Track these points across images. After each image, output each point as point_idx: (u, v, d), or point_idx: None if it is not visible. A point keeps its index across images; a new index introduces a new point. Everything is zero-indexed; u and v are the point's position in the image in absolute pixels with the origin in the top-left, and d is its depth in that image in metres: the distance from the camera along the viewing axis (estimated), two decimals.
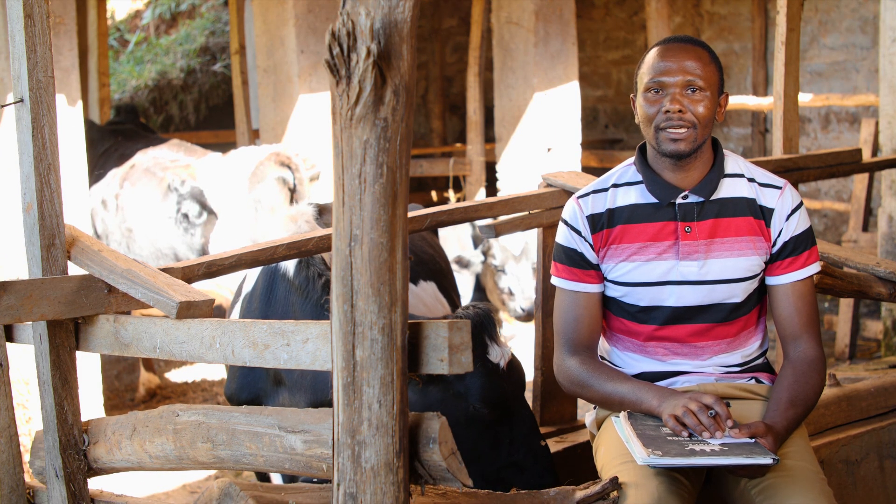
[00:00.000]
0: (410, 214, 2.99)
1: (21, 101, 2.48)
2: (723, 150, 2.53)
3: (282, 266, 3.11)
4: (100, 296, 2.48)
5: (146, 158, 6.11)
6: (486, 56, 8.81)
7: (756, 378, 2.57)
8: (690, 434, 2.26)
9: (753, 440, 2.24)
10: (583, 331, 2.53)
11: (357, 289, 1.87)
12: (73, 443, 2.53)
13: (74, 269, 2.55)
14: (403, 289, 1.89)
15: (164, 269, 2.59)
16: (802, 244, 2.50)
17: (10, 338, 2.56)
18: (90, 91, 8.59)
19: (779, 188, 2.51)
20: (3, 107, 3.20)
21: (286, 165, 5.59)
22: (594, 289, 2.54)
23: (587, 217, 2.52)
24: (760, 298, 2.56)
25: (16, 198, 4.20)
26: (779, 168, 3.55)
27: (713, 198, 2.48)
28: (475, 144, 8.47)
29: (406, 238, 1.91)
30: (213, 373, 6.99)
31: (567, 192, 3.24)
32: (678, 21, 9.51)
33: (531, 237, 6.35)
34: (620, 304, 2.54)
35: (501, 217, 3.33)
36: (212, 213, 5.72)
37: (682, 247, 2.47)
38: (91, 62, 8.61)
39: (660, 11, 7.38)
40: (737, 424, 2.27)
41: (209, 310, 2.38)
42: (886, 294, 3.06)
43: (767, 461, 2.16)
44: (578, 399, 3.46)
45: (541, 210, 3.31)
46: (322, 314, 2.95)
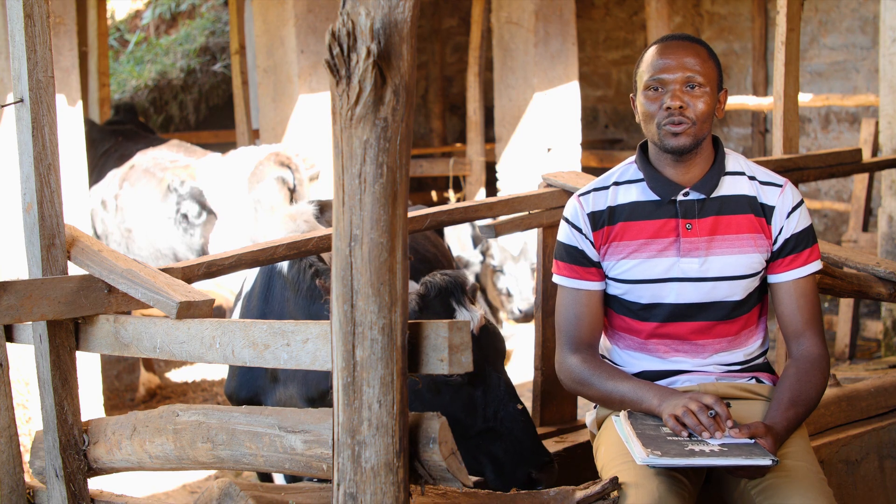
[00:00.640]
0: (410, 214, 3.00)
1: (21, 101, 2.48)
2: (723, 148, 2.54)
3: (278, 264, 3.14)
4: (100, 296, 2.48)
5: (146, 159, 6.11)
6: (486, 56, 8.81)
7: (756, 378, 2.57)
8: (690, 434, 2.26)
9: (753, 441, 2.24)
10: (584, 329, 2.53)
11: (357, 289, 1.87)
12: (73, 443, 2.53)
13: (74, 269, 2.55)
14: (403, 289, 1.89)
15: (164, 270, 2.59)
16: (804, 242, 2.50)
17: (10, 338, 2.56)
18: (90, 91, 8.60)
19: (779, 186, 2.52)
20: (3, 107, 3.20)
21: (286, 165, 5.59)
22: (595, 286, 2.54)
23: (588, 214, 2.53)
24: (761, 297, 2.57)
25: (16, 198, 4.20)
26: (779, 168, 3.55)
27: (714, 195, 2.49)
28: (475, 144, 8.47)
29: (406, 238, 1.91)
30: (213, 373, 6.99)
31: (567, 192, 3.24)
32: (678, 21, 9.51)
33: (530, 238, 6.35)
34: (622, 302, 2.54)
35: (501, 217, 3.33)
36: (211, 214, 5.71)
37: (683, 244, 2.47)
38: (91, 62, 8.61)
39: (660, 11, 7.38)
40: (736, 425, 2.27)
41: (209, 310, 2.38)
42: (886, 294, 3.06)
43: (767, 462, 2.16)
44: (578, 399, 3.46)
45: (541, 210, 3.31)
46: (311, 304, 2.98)
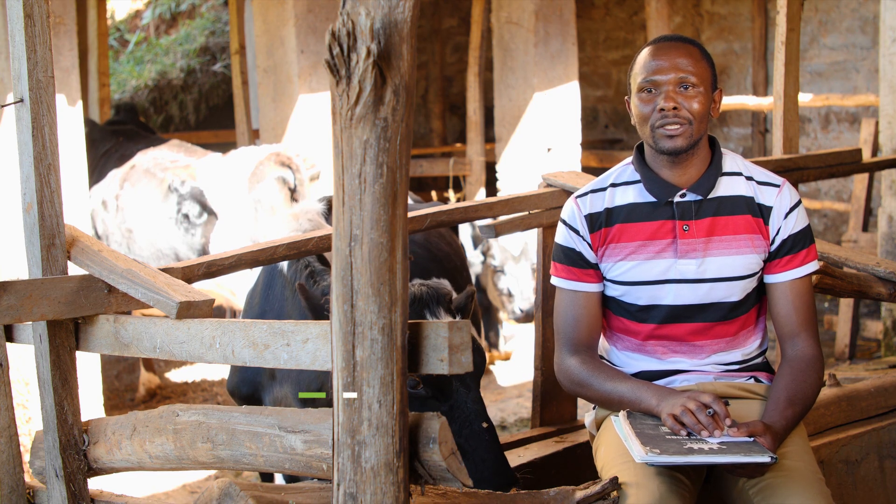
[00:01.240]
0: (410, 214, 3.00)
1: (21, 101, 2.48)
2: (720, 149, 2.54)
3: (280, 263, 3.16)
4: (100, 296, 2.48)
5: (146, 159, 6.11)
6: (486, 56, 8.81)
7: (755, 377, 2.57)
8: (689, 433, 2.26)
9: (752, 439, 2.25)
10: (583, 330, 2.53)
11: (357, 289, 1.87)
12: (73, 443, 2.53)
13: (74, 269, 2.55)
14: (403, 289, 1.89)
15: (164, 269, 2.59)
16: (801, 242, 2.50)
17: (10, 338, 2.56)
18: (90, 91, 8.60)
19: (777, 186, 2.52)
20: (3, 107, 3.20)
21: (286, 165, 5.59)
22: (593, 288, 2.54)
23: (585, 216, 2.53)
24: (759, 298, 2.56)
25: (16, 198, 4.20)
26: (779, 168, 3.55)
27: (711, 196, 2.49)
28: (475, 144, 8.48)
29: (406, 238, 1.91)
30: (213, 373, 6.99)
31: (567, 192, 3.24)
32: (678, 21, 9.51)
33: (530, 238, 6.35)
34: (619, 303, 2.54)
35: (501, 217, 3.33)
36: (212, 214, 5.72)
37: (681, 245, 2.47)
38: (91, 62, 8.61)
39: (660, 11, 7.38)
40: (735, 423, 2.27)
41: (209, 310, 2.38)
42: (886, 294, 3.06)
43: (766, 460, 2.17)
44: (578, 399, 3.46)
45: (541, 210, 3.31)
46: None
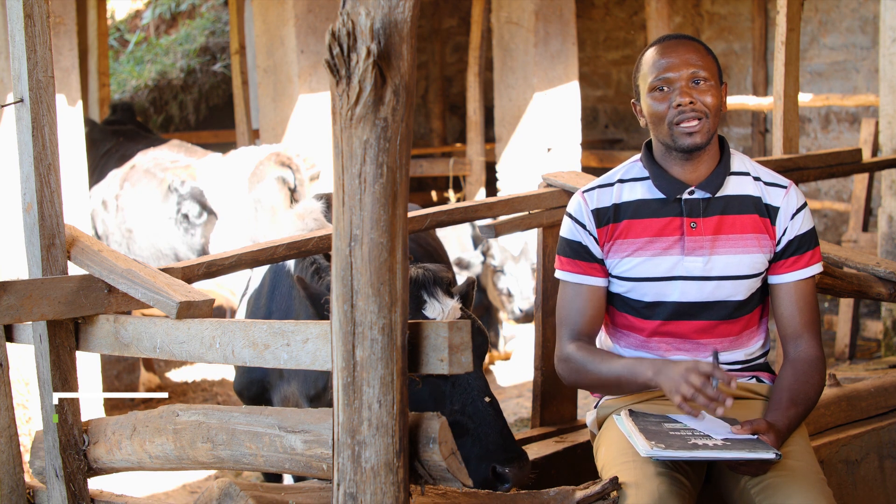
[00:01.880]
0: (410, 214, 3.00)
1: (21, 101, 2.48)
2: (729, 148, 2.54)
3: (286, 263, 3.16)
4: (100, 296, 2.48)
5: (146, 159, 6.11)
6: (486, 56, 8.81)
7: (757, 377, 2.57)
8: (692, 430, 2.27)
9: (755, 436, 2.26)
10: (584, 322, 2.53)
11: (357, 289, 1.87)
12: (73, 443, 2.53)
13: (74, 269, 2.55)
14: (403, 289, 1.89)
15: (164, 269, 2.59)
16: (806, 244, 2.51)
17: (10, 338, 2.56)
18: (90, 91, 8.60)
19: (784, 187, 2.52)
20: (3, 107, 3.20)
21: (287, 165, 5.59)
22: (598, 282, 2.54)
23: (592, 211, 2.53)
24: (763, 298, 2.57)
25: (16, 198, 4.20)
26: (779, 168, 3.55)
27: (719, 194, 2.49)
28: (475, 144, 8.48)
29: (406, 238, 1.91)
30: (213, 373, 6.99)
31: (567, 192, 3.24)
32: (678, 21, 9.51)
33: (530, 238, 6.35)
34: (625, 300, 2.55)
35: (501, 217, 3.33)
36: (212, 214, 5.72)
37: (688, 242, 2.47)
38: (91, 62, 8.62)
39: (660, 11, 7.39)
40: (738, 421, 2.29)
41: (209, 310, 2.38)
42: (886, 294, 3.06)
43: (770, 456, 2.18)
44: (578, 399, 3.46)
45: (541, 210, 3.31)
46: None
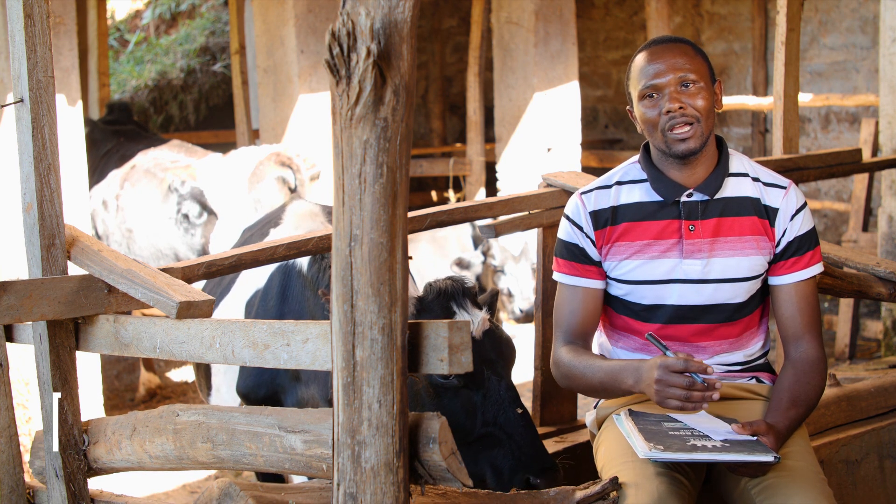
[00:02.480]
0: (410, 214, 3.00)
1: (21, 101, 2.48)
2: (728, 149, 2.53)
3: (297, 263, 3.12)
4: (100, 296, 2.48)
5: (147, 159, 6.12)
6: (486, 56, 8.81)
7: (757, 378, 2.57)
8: (692, 430, 2.27)
9: (755, 438, 2.25)
10: (578, 324, 2.52)
11: (357, 289, 1.87)
12: (73, 443, 2.53)
13: (74, 269, 2.55)
14: (403, 289, 1.89)
15: (164, 269, 2.59)
16: (806, 244, 2.50)
17: (10, 338, 2.56)
18: (90, 91, 8.60)
19: (783, 188, 2.51)
20: (3, 107, 3.20)
21: (287, 165, 5.59)
22: (594, 284, 2.53)
23: (590, 213, 2.52)
24: (763, 299, 2.56)
25: (16, 198, 4.20)
26: (779, 168, 3.55)
27: (717, 196, 2.48)
28: (475, 144, 8.48)
29: (406, 238, 1.91)
30: None
31: (567, 192, 3.24)
32: (678, 21, 9.51)
33: (530, 238, 6.35)
34: (623, 303, 2.54)
35: (501, 217, 3.33)
36: (212, 214, 5.72)
37: (686, 245, 2.46)
38: (91, 62, 8.61)
39: (660, 11, 7.39)
40: (738, 421, 2.28)
41: (209, 310, 2.38)
42: (886, 294, 3.06)
43: (769, 459, 2.17)
44: (578, 399, 3.46)
45: (541, 210, 3.31)
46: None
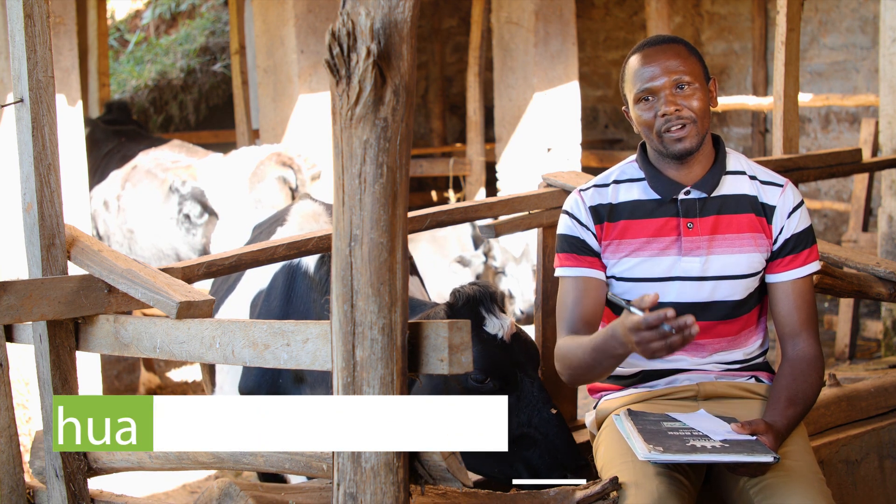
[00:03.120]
0: (410, 214, 3.00)
1: (21, 101, 2.48)
2: (724, 147, 2.54)
3: (302, 263, 3.11)
4: (100, 296, 2.48)
5: (147, 159, 6.12)
6: (486, 56, 8.81)
7: (756, 377, 2.57)
8: (691, 430, 2.27)
9: (754, 437, 2.25)
10: (581, 313, 2.50)
11: (357, 289, 1.88)
12: None
13: (74, 269, 2.55)
14: (403, 289, 1.89)
15: (165, 269, 2.59)
16: (803, 242, 2.50)
17: (10, 338, 2.56)
18: (90, 91, 8.60)
19: (780, 186, 2.52)
20: (3, 107, 3.20)
21: (288, 165, 5.60)
22: (596, 274, 2.52)
23: (590, 208, 2.53)
24: (761, 297, 2.57)
25: (16, 198, 4.20)
26: (779, 168, 3.55)
27: (715, 194, 2.49)
28: (475, 144, 8.47)
29: (406, 238, 1.91)
30: None
31: (567, 192, 3.24)
32: (678, 21, 9.51)
33: (532, 239, 6.35)
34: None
35: (501, 217, 3.33)
36: (213, 214, 5.72)
37: (685, 243, 2.47)
38: (91, 62, 8.61)
39: (660, 11, 7.38)
40: (737, 420, 2.29)
41: (209, 310, 2.38)
42: (886, 294, 3.06)
43: (768, 459, 2.17)
44: (578, 399, 3.46)
45: (541, 210, 3.31)
46: None
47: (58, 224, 2.52)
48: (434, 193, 9.77)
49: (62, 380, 2.51)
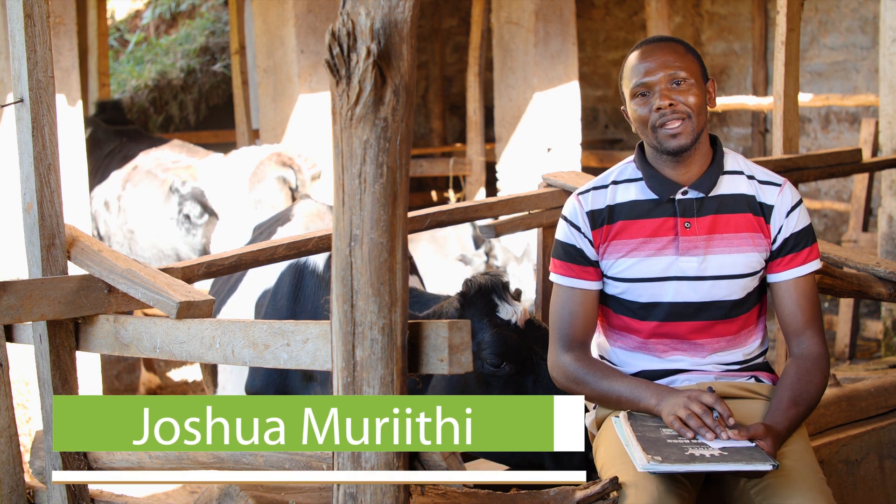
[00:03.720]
0: (410, 214, 3.00)
1: (21, 101, 2.48)
2: (722, 147, 2.54)
3: (310, 262, 3.12)
4: (100, 296, 2.48)
5: (148, 160, 6.12)
6: (486, 56, 8.81)
7: (756, 377, 2.57)
8: (690, 438, 2.26)
9: (753, 444, 2.23)
10: (578, 327, 2.53)
11: (357, 289, 1.88)
12: None
13: (74, 269, 2.55)
14: (403, 289, 1.90)
15: (165, 269, 2.59)
16: (803, 241, 2.50)
17: (10, 338, 2.56)
18: (90, 91, 8.59)
19: (778, 185, 2.52)
20: (3, 107, 3.20)
21: (288, 165, 5.60)
22: (592, 286, 2.54)
23: (587, 213, 2.53)
24: (760, 297, 2.57)
25: (16, 198, 4.20)
26: (779, 168, 3.55)
27: (713, 194, 2.49)
28: (475, 144, 8.47)
29: (406, 238, 1.91)
30: None
31: (567, 192, 3.24)
32: (678, 21, 9.51)
33: (533, 239, 6.35)
34: (620, 301, 2.54)
35: (501, 217, 3.34)
36: (213, 214, 5.72)
37: (682, 242, 2.47)
38: (91, 62, 8.61)
39: (660, 11, 7.39)
40: (737, 425, 2.27)
41: (209, 310, 2.38)
42: (886, 294, 3.06)
43: (766, 467, 2.14)
44: None
45: (541, 210, 3.31)
46: None
47: (58, 224, 2.52)
48: (434, 193, 9.77)
49: (62, 380, 2.51)
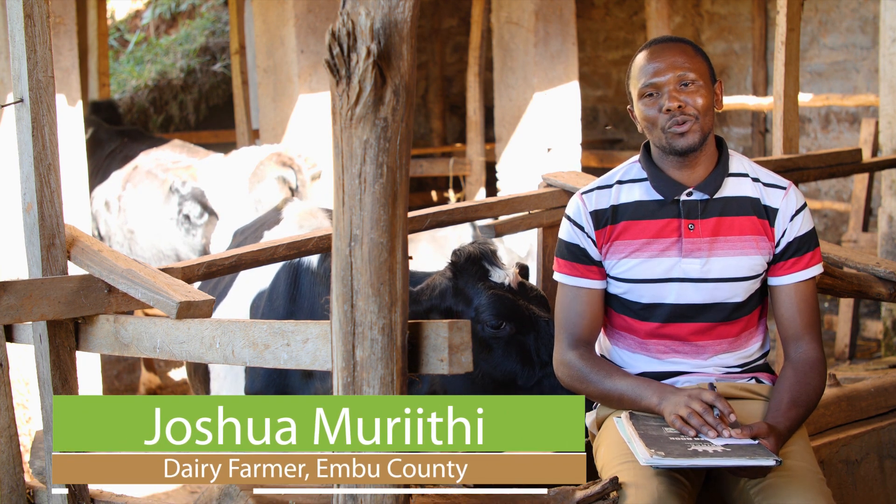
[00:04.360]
0: (410, 214, 3.00)
1: (21, 101, 2.48)
2: (728, 149, 2.54)
3: (304, 261, 3.12)
4: (100, 296, 2.49)
5: (148, 160, 6.12)
6: (486, 56, 8.81)
7: (756, 378, 2.57)
8: (696, 433, 2.27)
9: (756, 441, 2.24)
10: (583, 326, 2.53)
11: (357, 289, 1.88)
12: None
13: (74, 269, 2.55)
14: (403, 289, 1.90)
15: (164, 269, 2.59)
16: (806, 245, 2.50)
17: (10, 338, 2.56)
18: (90, 91, 8.59)
19: (783, 188, 2.52)
20: (3, 107, 3.20)
21: (288, 165, 5.60)
22: (596, 285, 2.54)
23: (591, 213, 2.53)
24: (762, 299, 2.56)
25: (16, 198, 4.20)
26: (779, 168, 3.55)
27: (717, 196, 2.49)
28: (475, 144, 8.47)
29: (406, 238, 1.91)
30: None
31: (567, 192, 3.24)
32: (678, 21, 9.51)
33: (533, 239, 6.35)
34: (622, 302, 2.54)
35: (502, 217, 3.34)
36: (213, 214, 5.72)
37: (686, 244, 2.47)
38: (91, 62, 8.61)
39: (660, 11, 7.38)
40: (739, 424, 2.28)
41: (209, 310, 2.38)
42: (886, 294, 3.06)
43: (770, 463, 2.16)
44: None
45: (541, 210, 3.31)
46: None
47: (58, 224, 2.52)
48: (434, 193, 9.76)
49: (62, 380, 2.51)
